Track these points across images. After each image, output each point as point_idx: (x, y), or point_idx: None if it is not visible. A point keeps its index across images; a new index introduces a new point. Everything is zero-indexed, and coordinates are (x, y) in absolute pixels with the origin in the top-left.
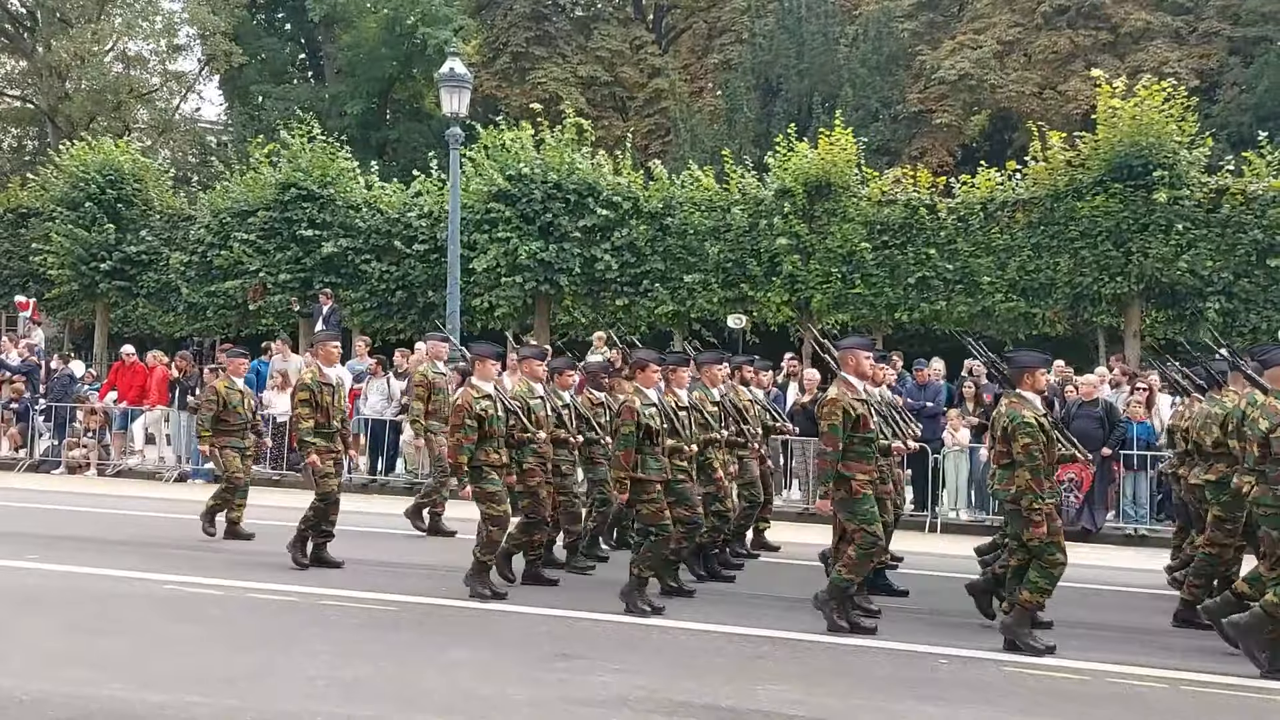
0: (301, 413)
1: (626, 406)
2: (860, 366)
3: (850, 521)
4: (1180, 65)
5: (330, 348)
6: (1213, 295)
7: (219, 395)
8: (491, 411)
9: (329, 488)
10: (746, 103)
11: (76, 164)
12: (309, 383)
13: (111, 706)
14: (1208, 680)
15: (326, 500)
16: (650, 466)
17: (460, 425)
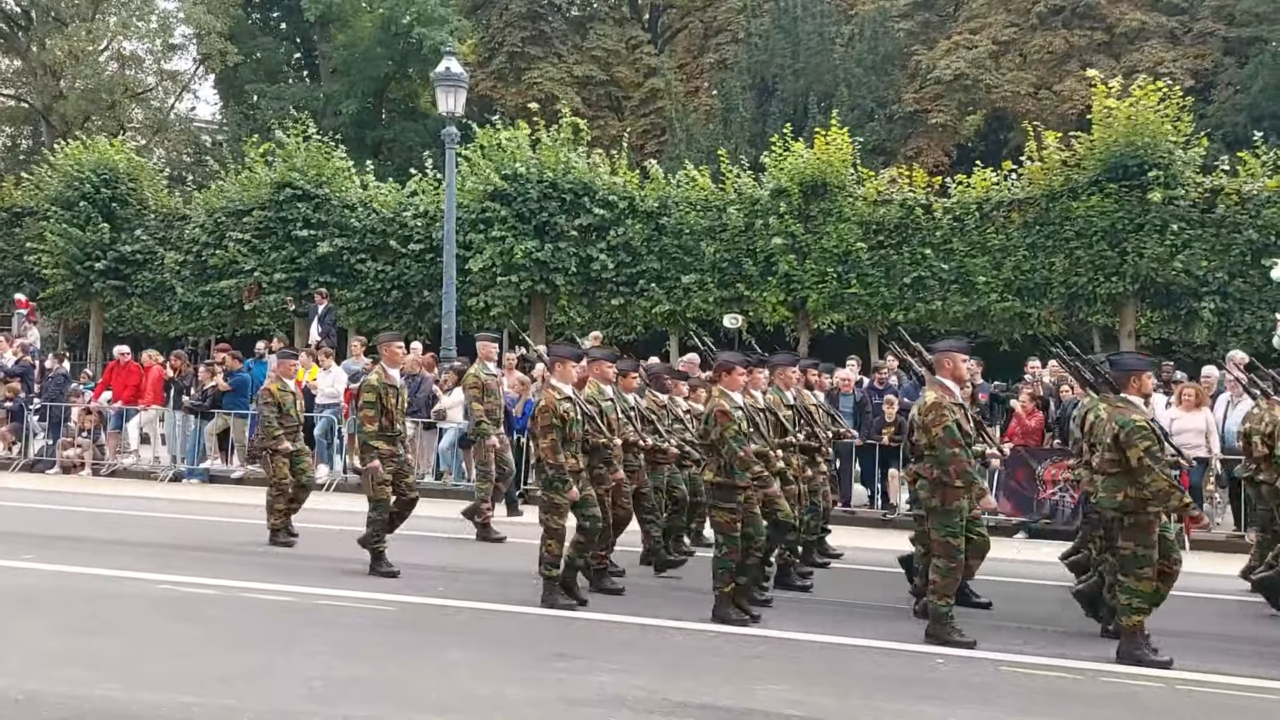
0: (366, 415)
1: (720, 410)
2: (957, 370)
3: (937, 531)
4: (1175, 65)
5: (395, 348)
6: (1208, 295)
7: (274, 397)
8: (571, 415)
9: (384, 494)
10: (742, 102)
11: (71, 163)
12: (375, 384)
13: (106, 706)
14: (1204, 680)
15: (381, 507)
16: (736, 472)
17: (550, 426)
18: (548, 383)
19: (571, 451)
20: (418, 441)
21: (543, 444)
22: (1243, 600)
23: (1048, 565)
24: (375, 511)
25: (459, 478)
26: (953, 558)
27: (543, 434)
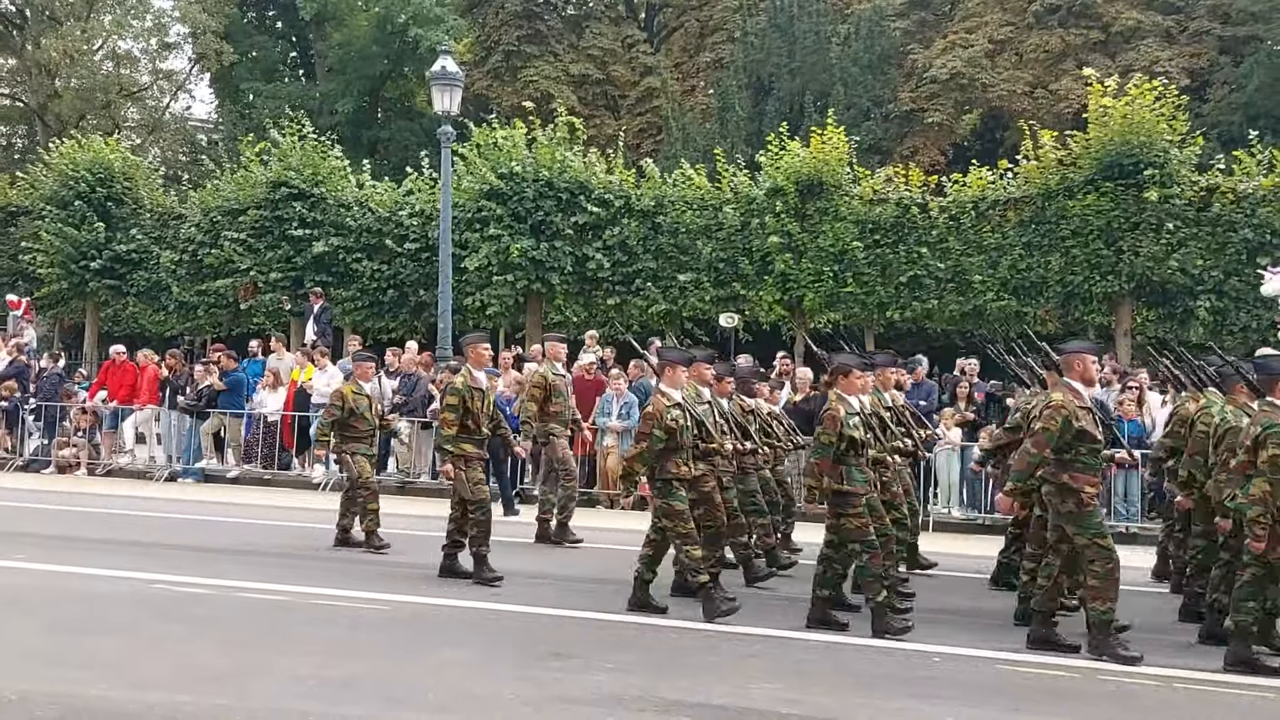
0: (446, 418)
1: (830, 415)
2: (1087, 372)
3: (1081, 536)
4: (1171, 64)
5: (481, 349)
6: (1203, 294)
7: (345, 400)
8: (681, 422)
9: (482, 494)
10: (738, 101)
11: (66, 162)
12: (460, 388)
13: (99, 706)
14: (1201, 678)
15: (482, 508)
16: (856, 479)
17: (648, 434)
18: (656, 388)
19: (683, 459)
20: (414, 440)
21: (634, 448)
22: None
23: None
24: (478, 513)
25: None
26: (1107, 558)
27: (638, 439)
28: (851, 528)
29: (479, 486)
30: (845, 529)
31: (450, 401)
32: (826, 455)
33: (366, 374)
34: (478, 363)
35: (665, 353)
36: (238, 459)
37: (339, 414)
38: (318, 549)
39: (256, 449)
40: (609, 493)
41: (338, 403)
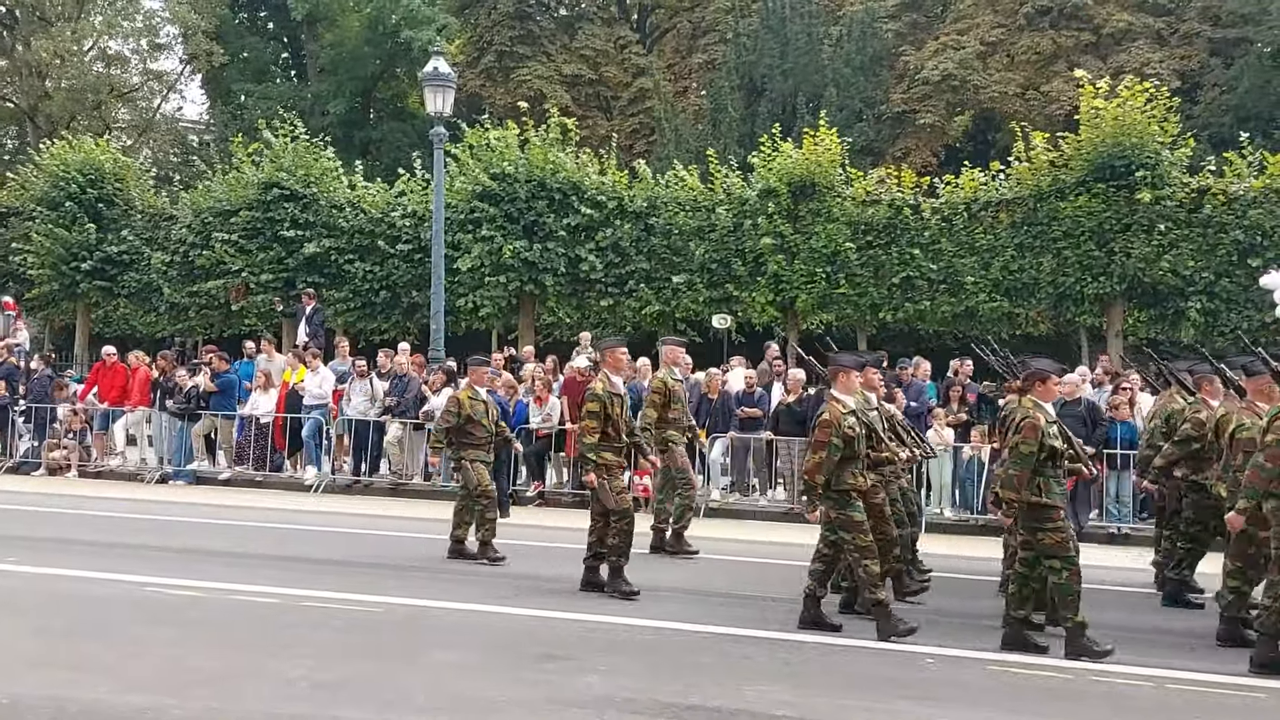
0: (589, 425)
1: (1029, 424)
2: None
3: None
4: (1162, 66)
5: (619, 354)
6: (1194, 295)
7: (461, 406)
8: (857, 430)
9: (626, 503)
10: (731, 103)
11: (57, 163)
12: (600, 394)
13: (91, 709)
14: (1193, 679)
15: (625, 518)
16: (1054, 491)
17: (827, 443)
18: (829, 394)
19: (859, 469)
20: (406, 442)
21: (810, 460)
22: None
23: None
24: (622, 522)
25: (448, 479)
26: None
27: (814, 449)
28: (1051, 543)
29: (623, 496)
30: (1044, 544)
31: (592, 408)
32: (1027, 466)
33: (483, 379)
34: (615, 368)
35: (838, 357)
36: (229, 461)
37: (454, 420)
38: (306, 551)
39: (248, 451)
40: None
41: (453, 409)
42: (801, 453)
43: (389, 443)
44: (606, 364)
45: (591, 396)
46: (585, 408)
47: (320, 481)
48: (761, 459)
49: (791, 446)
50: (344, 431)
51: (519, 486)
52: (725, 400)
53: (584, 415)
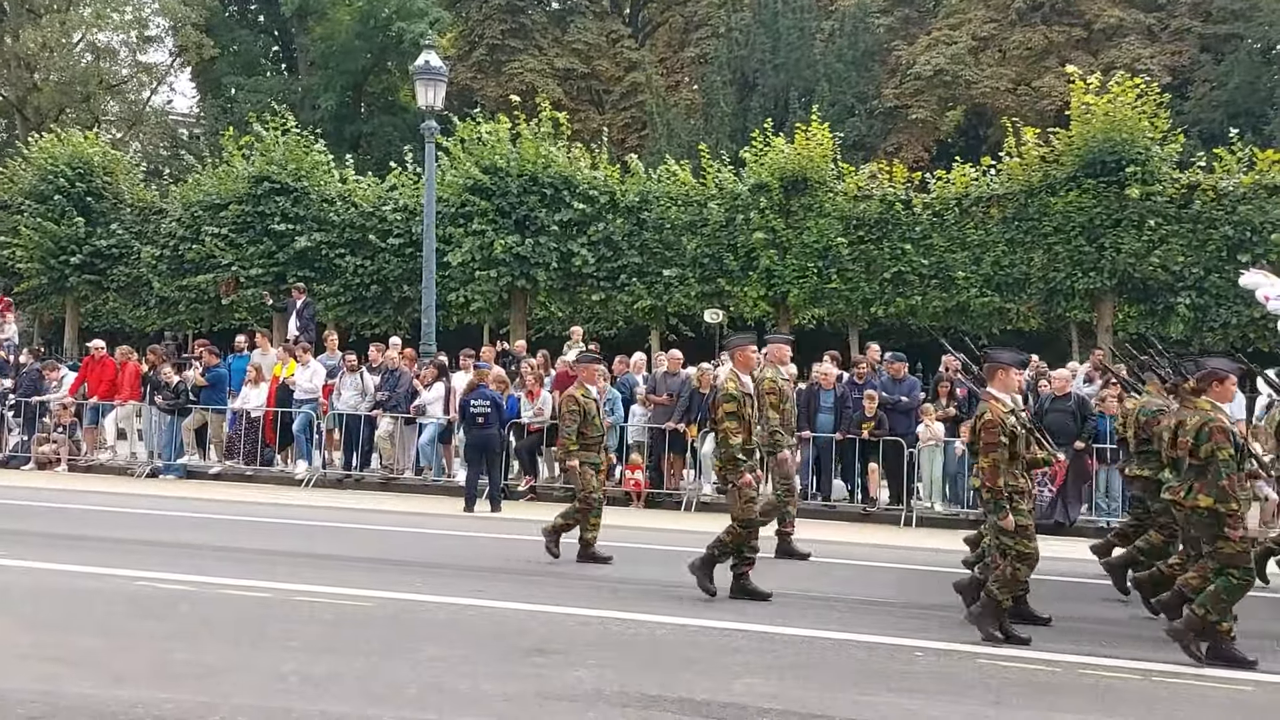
0: (729, 426)
1: (1218, 428)
2: None
3: None
4: (1153, 62)
5: (749, 352)
6: (1184, 290)
7: (579, 406)
8: (1018, 430)
9: (753, 513)
10: (723, 97)
11: (45, 156)
12: (734, 393)
13: (81, 704)
14: (1180, 671)
15: (750, 524)
16: (1241, 495)
17: (996, 444)
18: (989, 394)
19: (1020, 470)
20: (397, 436)
21: (984, 463)
22: None
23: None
24: (745, 529)
25: (439, 473)
26: None
27: (985, 451)
28: (1231, 552)
29: (750, 505)
30: (1224, 553)
31: (729, 409)
32: (1233, 470)
33: (593, 376)
34: (745, 366)
35: (998, 354)
36: (220, 455)
37: (578, 421)
38: (299, 545)
39: (239, 445)
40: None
41: (574, 408)
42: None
43: (380, 437)
44: (736, 362)
45: (727, 397)
46: (722, 409)
47: (311, 476)
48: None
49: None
50: (335, 426)
51: (510, 481)
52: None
53: (722, 417)
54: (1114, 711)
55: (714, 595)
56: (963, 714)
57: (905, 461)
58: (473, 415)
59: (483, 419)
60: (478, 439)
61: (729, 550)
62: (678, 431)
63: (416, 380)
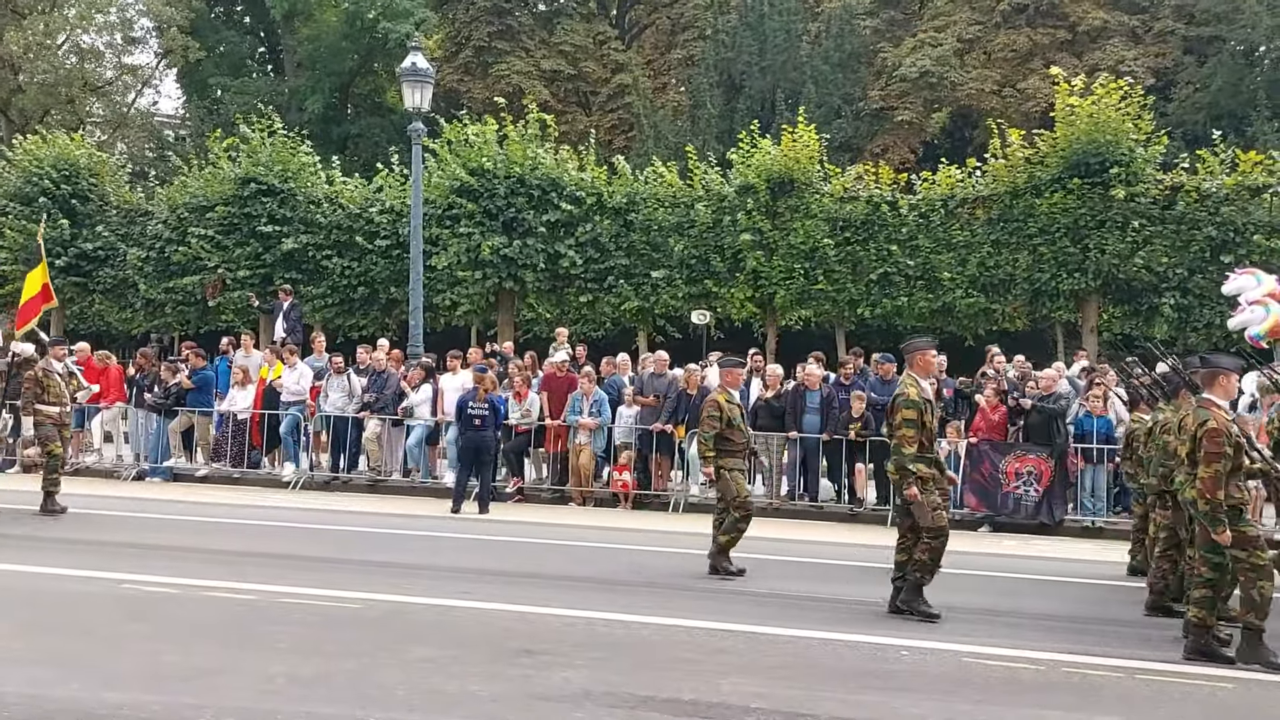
0: (906, 434)
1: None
2: None
3: None
4: (1136, 64)
5: (929, 357)
6: (1168, 291)
7: (721, 411)
8: (1239, 438)
9: (942, 520)
10: (710, 99)
11: (29, 158)
12: (916, 400)
13: (69, 706)
14: (1163, 670)
15: (940, 536)
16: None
17: (1220, 454)
18: (1209, 400)
19: (1240, 481)
20: (384, 438)
21: (1205, 473)
22: None
23: (1010, 558)
24: (935, 540)
25: (426, 475)
26: None
27: (1207, 462)
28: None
29: (939, 513)
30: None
31: (909, 416)
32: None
33: (737, 380)
34: (925, 371)
35: (1217, 359)
36: (206, 457)
37: (719, 426)
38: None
39: (225, 447)
40: (580, 490)
41: (715, 413)
42: (780, 447)
43: (367, 439)
44: (915, 367)
45: (908, 404)
46: (901, 415)
47: (298, 478)
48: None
49: (770, 441)
50: (322, 428)
51: (498, 482)
52: (705, 395)
53: (900, 424)
54: (1096, 709)
55: (939, 617)
56: (948, 712)
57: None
58: (470, 417)
59: (480, 421)
60: (472, 441)
61: (931, 567)
62: (665, 432)
63: (404, 382)
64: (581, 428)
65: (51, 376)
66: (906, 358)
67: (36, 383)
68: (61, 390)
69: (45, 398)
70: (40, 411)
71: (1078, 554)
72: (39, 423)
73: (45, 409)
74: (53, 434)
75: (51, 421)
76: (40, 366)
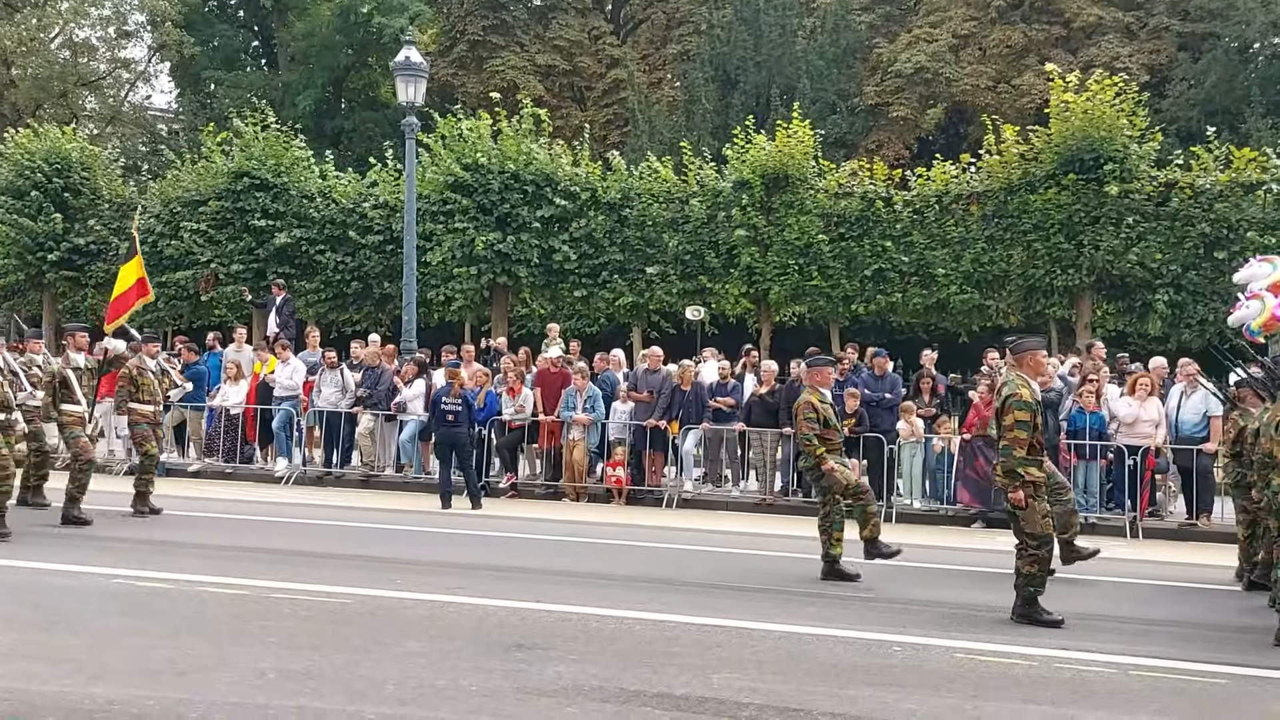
0: (1019, 436)
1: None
2: None
3: None
4: (1131, 60)
5: (1040, 357)
6: (1162, 287)
7: (817, 412)
8: None
9: (1049, 529)
10: (705, 94)
11: (22, 152)
12: (1029, 401)
13: (59, 701)
14: (1155, 665)
15: (1046, 544)
16: None
17: None
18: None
19: None
20: (377, 434)
21: None
22: (1197, 587)
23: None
24: (1041, 550)
25: (419, 471)
26: None
27: None
28: None
29: (1047, 520)
30: None
31: (1022, 417)
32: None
33: (828, 380)
34: (1035, 372)
35: None
36: (199, 453)
37: (817, 425)
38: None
39: (218, 442)
40: (574, 485)
41: (811, 414)
42: (773, 443)
43: (360, 434)
44: (1025, 367)
45: (1022, 405)
46: (1014, 416)
47: (291, 473)
48: (734, 450)
49: (764, 437)
50: (315, 423)
51: (492, 478)
52: (698, 391)
53: (1012, 425)
54: (1089, 705)
55: (1062, 623)
56: (940, 707)
57: (886, 458)
58: (443, 412)
59: (453, 416)
60: (447, 436)
61: (1040, 578)
62: (659, 428)
63: (397, 378)
64: (575, 423)
65: (145, 374)
66: (1015, 358)
67: (130, 381)
68: (155, 388)
69: (139, 396)
70: (135, 411)
71: None
72: (134, 422)
73: (140, 408)
74: (148, 433)
75: (146, 420)
76: (134, 364)
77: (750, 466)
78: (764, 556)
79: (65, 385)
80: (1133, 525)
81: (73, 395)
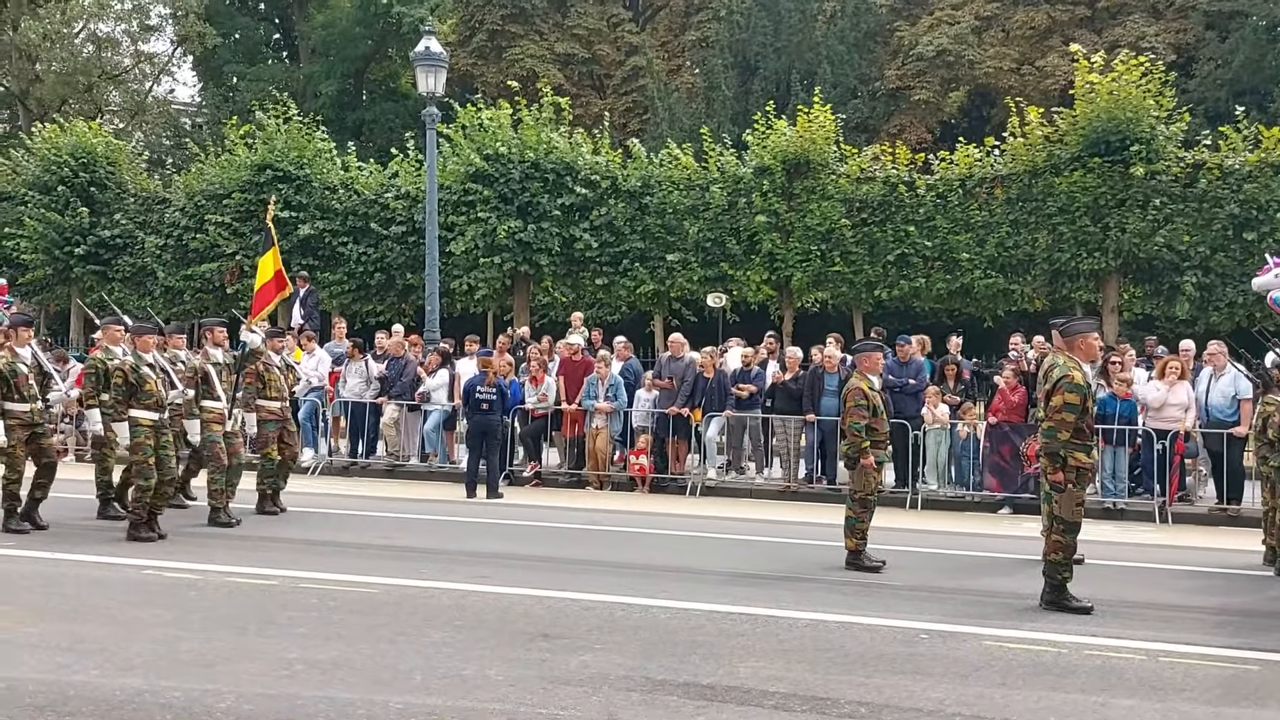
0: (1066, 419)
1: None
2: None
3: None
4: (1157, 40)
5: (1092, 340)
6: (1190, 270)
7: (867, 400)
8: None
9: (1080, 517)
10: (724, 80)
11: (48, 147)
12: (1080, 384)
13: (88, 692)
14: (1185, 651)
15: (1073, 530)
16: None
17: None
18: None
19: None
20: (402, 424)
21: None
22: (1227, 573)
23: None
24: (1067, 537)
25: (444, 460)
26: None
27: None
28: None
29: (1080, 509)
30: None
31: (1071, 400)
32: None
33: (876, 365)
34: (1087, 355)
35: None
36: None
37: (868, 415)
38: (304, 532)
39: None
40: (598, 474)
41: (861, 401)
42: (797, 430)
43: (385, 424)
44: (1077, 350)
45: (1073, 388)
46: (1064, 398)
47: (317, 463)
48: (757, 437)
49: (787, 424)
50: (340, 413)
51: (515, 467)
52: (721, 379)
53: (1060, 407)
54: (1118, 691)
55: (1091, 610)
56: (968, 695)
57: (910, 444)
58: (478, 401)
59: (487, 405)
60: (480, 424)
61: (1066, 564)
62: (682, 416)
63: (421, 367)
64: (598, 411)
65: (272, 370)
66: (1066, 340)
67: (258, 377)
68: (282, 384)
69: (267, 393)
70: (263, 408)
71: (1099, 535)
72: (263, 419)
73: (268, 404)
74: (271, 434)
75: (274, 418)
76: (261, 360)
77: (774, 453)
78: (788, 544)
79: (206, 381)
80: (1162, 510)
81: (213, 391)
